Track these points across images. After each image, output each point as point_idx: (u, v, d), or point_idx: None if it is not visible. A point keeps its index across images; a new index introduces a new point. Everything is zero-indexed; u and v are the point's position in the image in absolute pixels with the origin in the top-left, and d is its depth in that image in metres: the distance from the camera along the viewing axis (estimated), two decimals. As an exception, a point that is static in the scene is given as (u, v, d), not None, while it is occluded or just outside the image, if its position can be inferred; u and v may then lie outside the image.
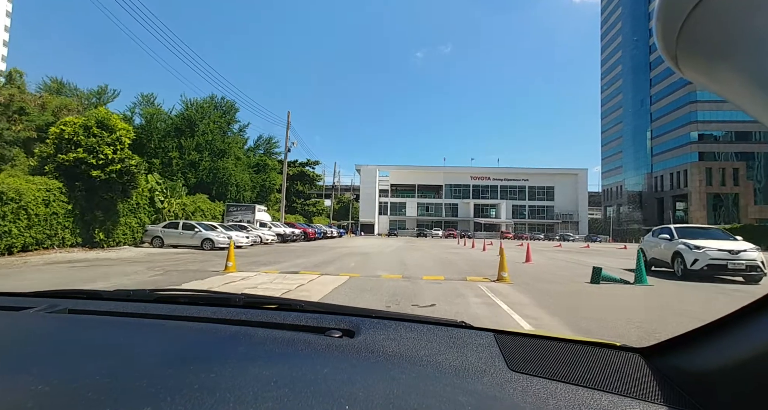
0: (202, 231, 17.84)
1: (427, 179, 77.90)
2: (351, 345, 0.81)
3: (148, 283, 7.69)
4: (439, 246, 28.35)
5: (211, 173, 28.98)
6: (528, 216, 75.85)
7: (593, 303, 6.52)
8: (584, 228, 73.79)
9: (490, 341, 0.86)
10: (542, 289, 7.73)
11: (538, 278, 9.85)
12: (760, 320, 0.59)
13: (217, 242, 17.52)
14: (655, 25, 0.41)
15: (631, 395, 0.65)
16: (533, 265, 13.79)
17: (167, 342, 0.82)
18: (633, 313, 5.74)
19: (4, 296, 1.22)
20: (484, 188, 77.63)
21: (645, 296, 7.31)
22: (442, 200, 77.34)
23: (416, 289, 7.25)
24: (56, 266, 10.22)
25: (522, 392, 0.65)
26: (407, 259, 15.04)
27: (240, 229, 24.13)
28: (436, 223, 74.23)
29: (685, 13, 0.37)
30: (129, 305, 1.13)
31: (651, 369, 0.73)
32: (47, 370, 0.61)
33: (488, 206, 77.02)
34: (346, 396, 0.55)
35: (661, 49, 0.42)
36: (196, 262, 12.02)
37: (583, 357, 0.79)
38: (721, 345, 0.63)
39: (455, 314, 5.20)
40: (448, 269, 11.40)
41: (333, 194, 55.05)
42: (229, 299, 1.18)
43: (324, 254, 16.86)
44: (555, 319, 5.14)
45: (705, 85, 0.43)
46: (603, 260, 18.16)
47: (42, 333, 0.85)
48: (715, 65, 0.40)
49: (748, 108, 0.40)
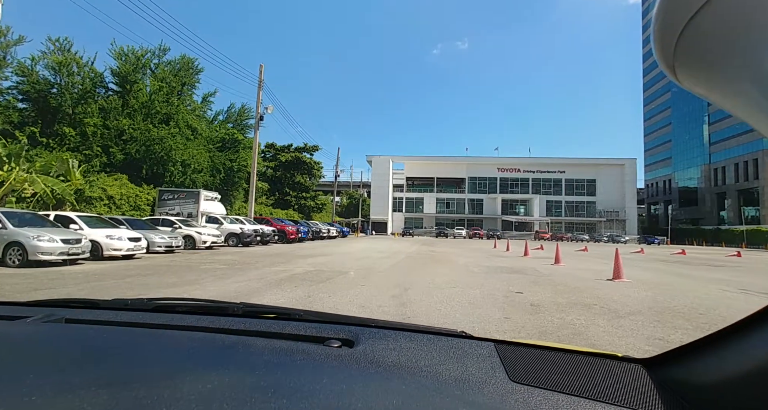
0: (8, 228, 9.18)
1: (448, 171, 68.39)
2: (350, 355, 0.80)
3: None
4: (470, 251, 19.24)
5: (143, 145, 20.46)
6: (565, 213, 65.50)
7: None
8: (632, 228, 63.03)
9: (491, 351, 0.85)
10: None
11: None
12: (762, 331, 0.58)
13: (35, 252, 8.86)
14: (653, 36, 0.41)
15: (633, 406, 0.64)
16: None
17: (165, 352, 0.80)
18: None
19: (1, 305, 1.19)
20: (513, 182, 67.62)
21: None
22: (465, 195, 67.72)
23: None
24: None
25: (523, 403, 0.64)
26: (424, 295, 6.15)
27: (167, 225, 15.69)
28: (458, 221, 64.81)
29: (682, 25, 0.37)
30: (126, 314, 1.11)
31: (653, 381, 0.72)
32: (43, 380, 0.60)
33: (518, 202, 67.03)
34: (345, 406, 0.55)
35: (659, 60, 0.42)
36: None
37: (585, 368, 0.78)
38: (723, 357, 0.62)
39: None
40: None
41: (335, 185, 46.13)
42: (228, 308, 1.15)
43: (237, 277, 8.09)
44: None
45: (703, 96, 0.43)
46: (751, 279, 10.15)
47: (38, 343, 0.84)
48: (713, 76, 0.40)
49: (747, 118, 0.40)
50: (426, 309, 5.31)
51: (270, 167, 41.92)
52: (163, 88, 22.93)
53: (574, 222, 65.05)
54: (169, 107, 22.55)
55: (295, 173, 42.56)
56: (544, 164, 66.70)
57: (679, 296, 7.06)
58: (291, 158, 41.37)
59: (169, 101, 22.92)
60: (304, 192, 44.27)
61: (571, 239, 54.54)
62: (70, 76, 21.02)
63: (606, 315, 5.28)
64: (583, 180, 66.25)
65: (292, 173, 42.44)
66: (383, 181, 65.01)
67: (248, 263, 11.23)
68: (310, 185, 46.04)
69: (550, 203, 65.89)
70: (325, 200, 53.55)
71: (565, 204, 66.04)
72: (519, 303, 5.88)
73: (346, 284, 7.42)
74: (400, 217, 66.32)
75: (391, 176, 66.32)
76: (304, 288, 6.81)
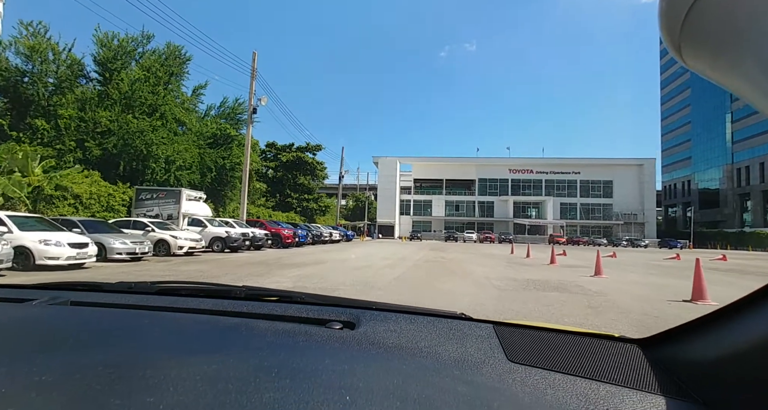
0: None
1: (457, 172, 65.88)
2: (351, 336, 0.80)
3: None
4: (485, 257, 16.83)
5: (121, 139, 18.42)
6: (580, 216, 62.59)
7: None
8: (651, 231, 59.97)
9: (489, 332, 0.86)
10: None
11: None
12: (756, 311, 0.59)
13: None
14: (659, 16, 0.41)
15: (629, 385, 0.65)
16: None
17: (169, 334, 0.81)
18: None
19: (6, 288, 1.19)
20: (526, 183, 64.91)
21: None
22: (475, 197, 65.13)
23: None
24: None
25: (521, 382, 0.65)
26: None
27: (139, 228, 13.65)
28: (467, 225, 62.23)
29: (688, 4, 0.37)
30: (131, 297, 1.11)
31: (649, 360, 0.73)
32: (50, 361, 0.61)
33: (530, 205, 64.30)
34: (347, 386, 0.55)
35: (666, 40, 0.42)
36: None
37: (582, 348, 0.79)
38: (718, 336, 0.63)
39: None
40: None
41: (339, 186, 43.92)
42: (231, 291, 1.16)
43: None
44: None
45: (708, 76, 0.43)
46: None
47: (45, 325, 0.84)
48: (719, 56, 0.40)
49: (750, 99, 0.40)
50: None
51: (270, 167, 39.93)
52: (149, 78, 20.96)
53: (589, 225, 62.10)
54: (156, 98, 20.51)
55: (297, 173, 40.47)
56: (558, 165, 63.90)
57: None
58: (292, 157, 39.31)
59: (155, 92, 20.91)
60: (307, 194, 42.08)
61: (588, 243, 51.71)
62: (45, 63, 19.09)
63: None
64: (599, 181, 63.33)
65: (294, 173, 40.34)
66: (390, 183, 62.73)
67: (215, 276, 9.01)
68: (313, 187, 43.92)
69: (564, 206, 63.02)
70: (329, 203, 51.41)
71: (580, 206, 63.14)
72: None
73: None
74: (407, 220, 63.94)
75: (399, 177, 64.07)
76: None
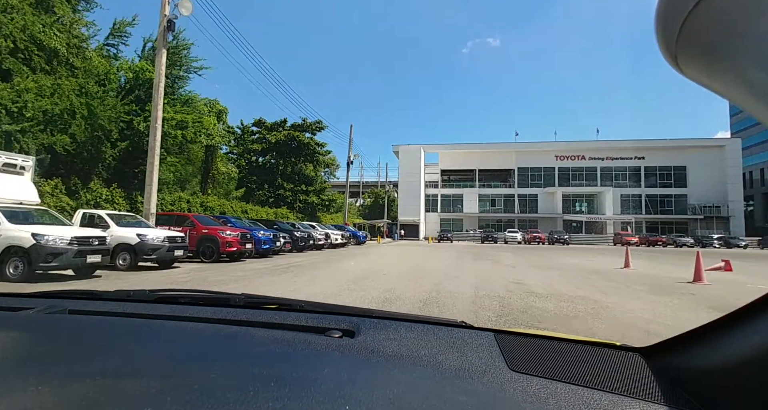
0: None
1: (492, 161, 55.68)
2: (351, 345, 0.80)
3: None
4: (577, 274, 6.97)
5: None
6: (645, 210, 51.22)
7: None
8: (739, 227, 47.92)
9: (490, 341, 0.85)
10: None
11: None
12: (759, 319, 0.58)
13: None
14: (655, 24, 0.40)
15: (632, 395, 0.64)
16: None
17: (167, 342, 0.81)
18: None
19: (4, 296, 1.18)
20: (576, 172, 54.01)
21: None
22: (514, 190, 54.81)
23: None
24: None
25: (522, 392, 0.65)
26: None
27: None
28: (506, 222, 52.08)
29: (685, 13, 0.37)
30: (129, 305, 1.11)
31: (651, 369, 0.72)
32: (47, 370, 0.60)
33: (582, 197, 53.39)
34: (347, 396, 0.55)
35: (661, 48, 0.42)
36: None
37: (584, 357, 0.78)
38: (721, 345, 0.62)
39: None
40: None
41: (347, 176, 34.70)
42: (230, 299, 1.16)
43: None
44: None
45: (705, 85, 0.42)
46: None
47: (42, 334, 0.84)
48: (716, 65, 0.39)
49: (748, 108, 0.40)
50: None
51: (257, 150, 31.51)
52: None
53: (658, 221, 50.69)
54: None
55: (291, 158, 31.58)
56: (616, 149, 52.56)
57: None
58: (284, 137, 30.44)
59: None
60: (306, 184, 33.17)
61: (667, 242, 40.61)
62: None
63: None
64: (669, 167, 51.74)
65: (287, 159, 31.45)
66: (413, 175, 53.40)
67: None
68: (315, 176, 35.11)
69: (626, 198, 51.85)
70: (336, 196, 42.37)
71: (645, 198, 51.69)
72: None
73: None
74: (434, 218, 54.45)
75: (423, 169, 54.65)
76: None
